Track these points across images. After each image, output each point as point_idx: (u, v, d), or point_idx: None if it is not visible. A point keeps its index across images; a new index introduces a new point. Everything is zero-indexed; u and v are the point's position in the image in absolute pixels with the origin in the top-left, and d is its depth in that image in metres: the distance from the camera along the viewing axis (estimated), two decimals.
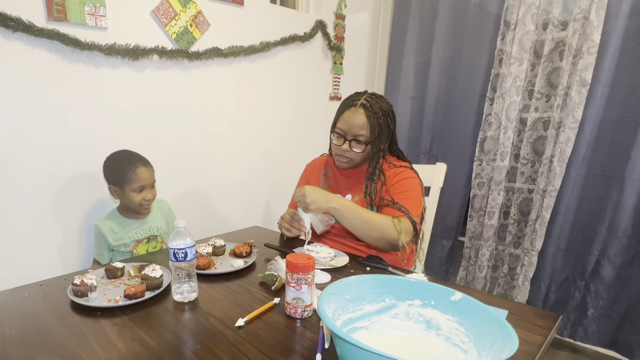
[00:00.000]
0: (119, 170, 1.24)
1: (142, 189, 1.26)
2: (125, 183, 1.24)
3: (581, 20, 1.62)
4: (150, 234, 1.33)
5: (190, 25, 1.54)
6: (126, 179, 1.23)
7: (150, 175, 1.28)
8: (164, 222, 1.40)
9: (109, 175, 1.27)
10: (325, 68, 2.20)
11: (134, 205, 1.27)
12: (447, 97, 2.17)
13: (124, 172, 1.23)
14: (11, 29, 1.16)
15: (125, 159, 1.26)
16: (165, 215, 1.42)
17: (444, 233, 2.29)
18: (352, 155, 1.20)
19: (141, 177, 1.24)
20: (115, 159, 1.27)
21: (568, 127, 1.69)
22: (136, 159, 1.27)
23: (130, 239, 1.30)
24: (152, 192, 1.30)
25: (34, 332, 0.74)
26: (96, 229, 1.31)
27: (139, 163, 1.26)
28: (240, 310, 0.82)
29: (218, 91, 1.72)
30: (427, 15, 2.18)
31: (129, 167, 1.23)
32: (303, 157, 1.66)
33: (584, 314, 1.81)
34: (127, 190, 1.24)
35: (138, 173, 1.24)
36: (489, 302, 0.78)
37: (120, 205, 1.34)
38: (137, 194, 1.25)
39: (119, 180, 1.24)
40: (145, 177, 1.26)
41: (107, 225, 1.29)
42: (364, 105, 1.15)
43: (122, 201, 1.30)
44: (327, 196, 1.08)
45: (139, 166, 1.25)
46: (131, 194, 1.25)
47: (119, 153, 1.29)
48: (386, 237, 1.08)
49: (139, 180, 1.24)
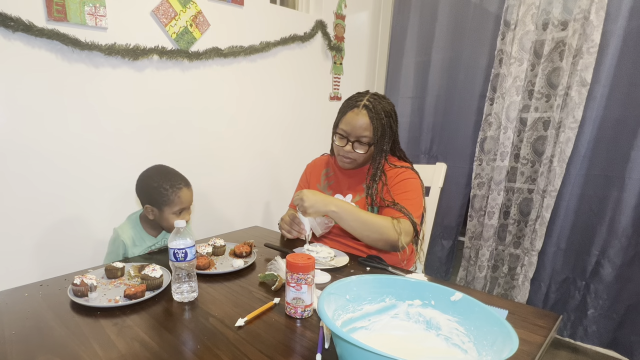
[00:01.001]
0: (159, 192, 1.13)
1: (182, 211, 1.17)
2: (166, 205, 1.14)
3: (581, 20, 1.62)
4: (163, 245, 1.27)
5: (190, 25, 1.54)
6: (168, 201, 1.13)
7: (191, 196, 1.19)
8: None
9: (147, 194, 1.16)
10: (325, 68, 2.20)
11: (169, 227, 1.17)
12: (447, 97, 2.17)
13: (165, 194, 1.13)
14: (11, 29, 1.16)
15: (166, 179, 1.15)
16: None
17: (444, 233, 2.29)
18: (355, 156, 1.20)
19: (184, 199, 1.15)
20: (154, 179, 1.16)
21: (568, 127, 1.69)
22: (178, 179, 1.17)
23: (144, 252, 1.23)
24: (189, 212, 1.21)
25: (34, 332, 0.74)
26: (115, 234, 1.21)
27: (182, 184, 1.16)
28: (240, 310, 0.82)
29: (218, 91, 1.72)
30: (427, 15, 2.18)
31: (171, 189, 1.14)
32: (303, 156, 1.66)
33: (584, 314, 1.81)
34: (166, 212, 1.15)
35: (181, 195, 1.14)
36: (489, 302, 0.77)
37: (144, 217, 1.23)
38: (176, 215, 1.15)
39: (159, 202, 1.14)
40: (187, 199, 1.17)
41: (129, 236, 1.20)
42: (366, 106, 1.15)
43: (158, 220, 1.19)
44: (326, 199, 1.08)
45: (182, 187, 1.15)
46: (170, 216, 1.15)
47: (159, 171, 1.19)
48: (386, 238, 1.08)
49: (181, 203, 1.15)
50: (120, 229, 1.21)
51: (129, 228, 1.22)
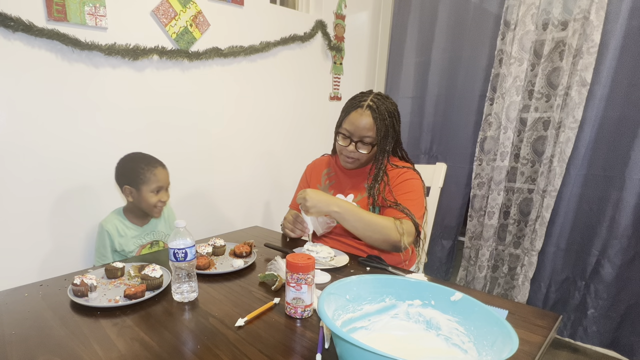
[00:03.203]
0: (136, 171, 1.23)
1: (159, 190, 1.26)
2: (143, 184, 1.23)
3: (581, 20, 1.62)
4: (153, 239, 1.33)
5: (190, 25, 1.54)
6: (144, 179, 1.22)
7: (167, 176, 1.28)
8: (165, 226, 1.38)
9: (125, 175, 1.26)
10: (325, 68, 2.20)
11: (149, 206, 1.25)
12: (447, 97, 2.17)
13: (142, 172, 1.22)
14: (11, 29, 1.16)
15: (142, 160, 1.26)
16: (168, 219, 1.41)
17: (444, 233, 2.29)
18: (358, 156, 1.20)
19: (160, 177, 1.25)
20: (132, 160, 1.27)
21: (568, 127, 1.69)
22: (154, 160, 1.27)
23: (135, 244, 1.29)
24: (167, 194, 1.30)
25: (34, 332, 0.74)
26: (100, 228, 1.27)
27: (157, 164, 1.26)
28: (240, 310, 0.82)
29: (218, 91, 1.72)
30: (427, 15, 2.18)
31: (147, 167, 1.23)
32: (303, 156, 1.67)
33: (584, 314, 1.81)
34: (144, 191, 1.23)
35: (157, 174, 1.24)
36: (489, 302, 0.78)
37: (128, 207, 1.32)
38: (154, 194, 1.24)
39: (136, 181, 1.23)
40: (163, 178, 1.26)
41: (113, 225, 1.27)
42: (370, 106, 1.15)
43: (137, 202, 1.27)
44: (329, 199, 1.08)
45: (157, 167, 1.25)
46: (148, 194, 1.24)
47: (136, 155, 1.29)
48: (388, 239, 1.08)
49: (158, 181, 1.24)
50: (104, 221, 1.28)
51: (112, 219, 1.29)
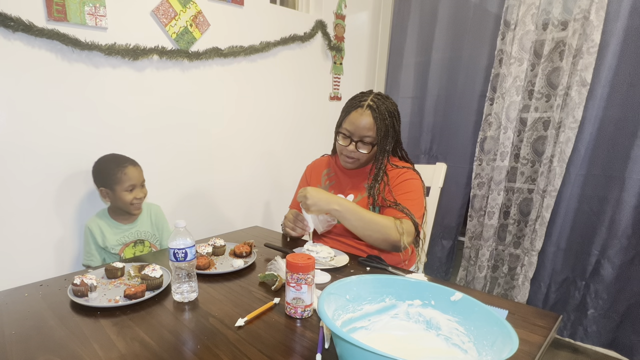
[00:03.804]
0: (108, 172, 1.27)
1: (133, 188, 1.29)
2: (116, 184, 1.26)
3: (581, 20, 1.62)
4: (137, 238, 1.35)
5: (190, 25, 1.54)
6: (116, 179, 1.26)
7: (139, 174, 1.31)
8: (151, 226, 1.39)
9: (98, 178, 1.31)
10: (325, 68, 2.20)
11: (125, 204, 1.28)
12: (447, 97, 2.17)
13: (113, 173, 1.26)
14: (11, 29, 1.16)
15: (113, 161, 1.30)
16: (155, 220, 1.41)
17: (444, 233, 2.29)
18: (358, 156, 1.21)
19: (131, 176, 1.27)
20: (103, 162, 1.31)
21: (568, 127, 1.69)
22: (124, 160, 1.30)
23: (118, 242, 1.31)
24: (143, 190, 1.33)
25: (34, 332, 0.74)
26: (85, 228, 1.32)
27: (127, 163, 1.29)
28: (240, 310, 0.82)
29: (218, 91, 1.72)
30: (427, 15, 2.18)
31: (117, 167, 1.27)
32: (303, 156, 1.67)
33: (584, 314, 1.81)
34: (118, 191, 1.27)
35: (127, 172, 1.27)
36: (489, 302, 0.78)
37: (111, 208, 1.36)
38: (128, 193, 1.28)
39: (109, 182, 1.27)
40: (135, 176, 1.29)
41: (96, 224, 1.31)
42: (370, 106, 1.15)
43: (114, 202, 1.31)
44: (329, 198, 1.08)
45: (127, 166, 1.28)
46: (123, 193, 1.27)
47: (106, 157, 1.32)
48: (388, 239, 1.09)
49: (129, 180, 1.27)
50: (88, 222, 1.33)
51: (96, 218, 1.33)
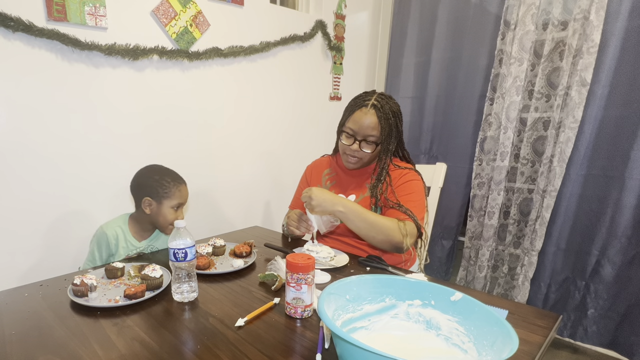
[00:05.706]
0: (162, 184, 1.19)
1: (178, 207, 1.22)
2: (165, 198, 1.18)
3: (581, 20, 1.62)
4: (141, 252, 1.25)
5: (190, 25, 1.54)
6: (169, 194, 1.19)
7: (187, 195, 1.26)
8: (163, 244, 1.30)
9: (147, 187, 1.20)
10: (325, 68, 2.20)
11: (165, 221, 1.20)
12: (447, 97, 2.17)
13: (167, 186, 1.19)
14: (11, 29, 1.16)
15: (169, 174, 1.23)
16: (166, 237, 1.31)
17: (444, 233, 2.29)
18: (362, 155, 1.20)
19: (184, 194, 1.23)
20: (158, 173, 1.22)
21: (568, 127, 1.69)
22: (180, 177, 1.25)
23: (121, 256, 1.21)
24: (183, 213, 1.27)
25: (34, 332, 0.74)
26: (100, 230, 1.21)
27: (182, 181, 1.24)
28: (240, 310, 0.82)
29: (218, 91, 1.72)
30: (427, 15, 2.18)
31: (173, 182, 1.20)
32: (303, 156, 1.67)
33: (584, 314, 1.81)
34: (165, 206, 1.19)
35: (182, 190, 1.22)
36: (489, 302, 0.78)
37: (137, 218, 1.25)
38: (173, 211, 1.20)
39: (159, 194, 1.18)
40: (185, 195, 1.24)
41: (113, 231, 1.20)
42: (374, 105, 1.15)
43: (154, 216, 1.21)
44: (334, 199, 1.08)
45: (182, 184, 1.23)
46: (169, 210, 1.19)
47: (161, 168, 1.25)
48: (391, 240, 1.09)
49: (181, 197, 1.21)
50: (106, 226, 1.21)
51: (115, 225, 1.22)
